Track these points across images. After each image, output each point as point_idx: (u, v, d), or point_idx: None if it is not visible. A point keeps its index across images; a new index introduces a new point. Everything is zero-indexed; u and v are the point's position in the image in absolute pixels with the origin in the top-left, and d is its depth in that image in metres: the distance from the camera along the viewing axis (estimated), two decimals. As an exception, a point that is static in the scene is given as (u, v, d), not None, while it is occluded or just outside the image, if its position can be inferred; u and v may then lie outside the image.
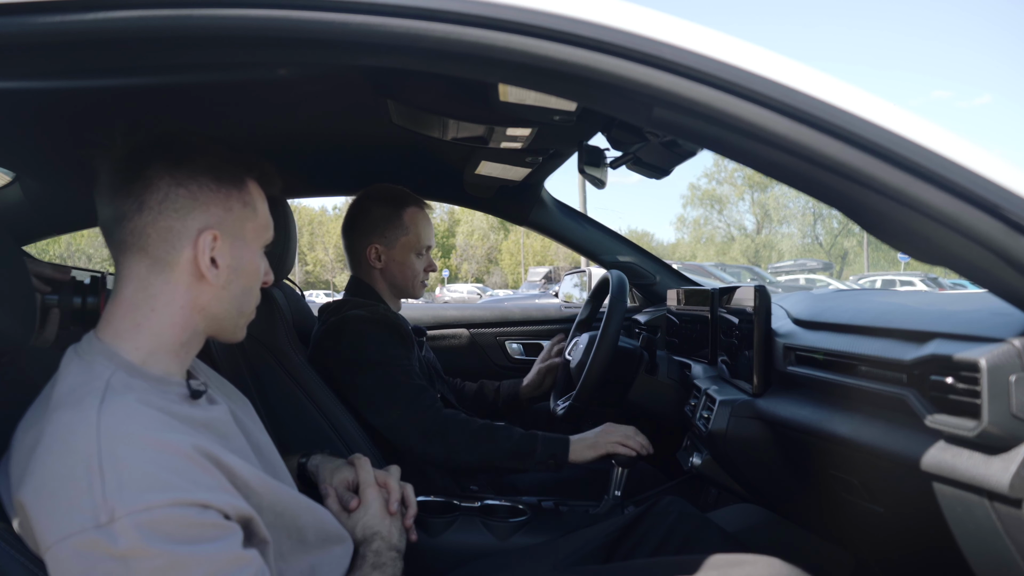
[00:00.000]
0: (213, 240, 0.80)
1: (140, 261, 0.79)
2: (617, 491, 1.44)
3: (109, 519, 0.63)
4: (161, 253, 0.79)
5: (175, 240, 0.79)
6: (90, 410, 0.69)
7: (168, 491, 0.66)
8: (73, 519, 0.63)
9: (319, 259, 47.51)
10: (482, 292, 26.31)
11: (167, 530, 0.65)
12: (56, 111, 1.25)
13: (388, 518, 1.02)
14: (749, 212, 44.27)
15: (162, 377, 0.79)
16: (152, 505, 0.65)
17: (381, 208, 1.67)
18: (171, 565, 0.65)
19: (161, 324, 0.80)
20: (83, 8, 0.64)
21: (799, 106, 0.66)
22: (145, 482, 0.66)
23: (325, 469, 1.08)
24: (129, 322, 0.79)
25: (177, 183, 0.79)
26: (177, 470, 0.69)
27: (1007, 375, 0.68)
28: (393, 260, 1.67)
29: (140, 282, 0.79)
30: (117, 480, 0.65)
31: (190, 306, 0.81)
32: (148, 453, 0.68)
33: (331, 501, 1.03)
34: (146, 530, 0.64)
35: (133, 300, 0.79)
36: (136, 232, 0.78)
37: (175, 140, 0.81)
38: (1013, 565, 0.72)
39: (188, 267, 0.80)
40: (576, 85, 0.71)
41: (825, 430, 1.01)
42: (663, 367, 1.77)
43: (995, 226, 0.64)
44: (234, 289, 0.84)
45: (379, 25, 0.65)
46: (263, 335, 1.48)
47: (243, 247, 0.85)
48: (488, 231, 50.00)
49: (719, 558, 1.01)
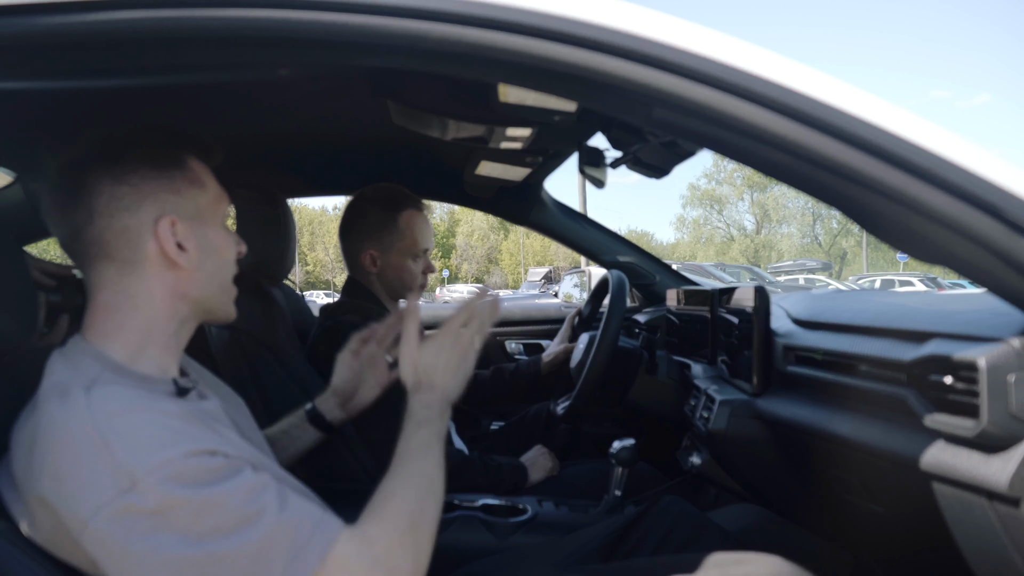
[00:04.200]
0: (172, 225, 0.79)
1: (107, 267, 0.79)
2: (617, 491, 1.44)
3: (132, 483, 0.65)
4: (126, 254, 0.78)
5: (134, 238, 0.78)
6: (78, 396, 0.70)
7: (177, 445, 0.68)
8: (99, 493, 0.65)
9: (319, 259, 47.50)
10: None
11: (188, 478, 0.67)
12: (56, 111, 1.25)
13: (448, 358, 0.95)
14: (749, 212, 44.30)
15: (148, 375, 0.79)
16: (168, 459, 0.67)
17: (377, 212, 1.65)
18: (203, 506, 0.67)
19: (146, 320, 0.80)
20: (83, 8, 0.64)
21: (799, 106, 0.66)
22: (153, 443, 0.68)
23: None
24: (113, 323, 0.79)
25: (117, 181, 0.78)
26: (175, 428, 0.71)
27: (1006, 375, 0.68)
28: (389, 265, 1.65)
29: (114, 286, 0.79)
30: (125, 448, 0.67)
31: (171, 296, 0.81)
32: (144, 417, 0.70)
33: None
34: (170, 483, 0.66)
35: (112, 303, 0.79)
36: (94, 241, 0.78)
37: (104, 140, 0.80)
38: (1012, 564, 0.72)
39: (157, 259, 0.79)
40: (576, 85, 0.71)
41: (825, 430, 1.01)
42: (663, 367, 1.77)
43: (994, 226, 0.64)
44: (209, 268, 0.84)
45: (379, 25, 0.65)
46: (263, 334, 1.48)
47: (203, 224, 0.84)
48: (488, 231, 50.00)
49: (719, 557, 1.01)
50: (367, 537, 0.76)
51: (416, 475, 0.84)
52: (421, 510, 0.81)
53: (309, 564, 0.69)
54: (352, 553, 0.73)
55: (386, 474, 0.85)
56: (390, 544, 0.76)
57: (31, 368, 0.86)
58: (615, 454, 1.44)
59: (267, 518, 0.70)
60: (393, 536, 0.77)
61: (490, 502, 1.40)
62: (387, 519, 0.78)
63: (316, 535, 0.71)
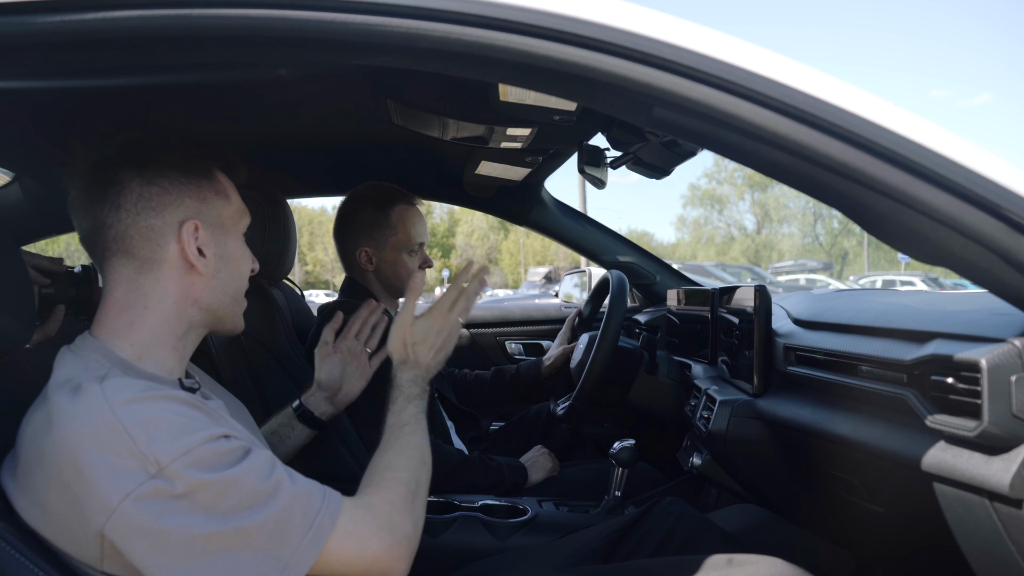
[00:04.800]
0: (195, 230, 0.82)
1: (127, 264, 0.81)
2: (617, 491, 1.44)
3: (158, 469, 0.68)
4: (147, 252, 0.81)
5: (158, 238, 0.81)
6: (94, 388, 0.72)
7: (195, 432, 0.72)
8: (127, 478, 0.68)
9: (319, 259, 47.49)
10: (482, 292, 26.27)
11: (210, 462, 0.71)
12: (56, 111, 1.25)
13: (435, 338, 1.03)
14: (749, 212, 44.29)
15: (154, 375, 0.80)
16: (190, 446, 0.70)
17: (368, 209, 1.65)
18: (227, 486, 0.71)
19: (156, 320, 0.82)
20: (83, 8, 0.64)
21: (799, 106, 0.66)
22: (172, 430, 0.71)
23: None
24: (123, 320, 0.81)
25: (148, 182, 0.81)
26: (190, 415, 0.74)
27: (1008, 375, 0.68)
28: (384, 261, 1.65)
29: (130, 283, 0.81)
30: (146, 435, 0.69)
31: (183, 299, 0.83)
32: (160, 405, 0.73)
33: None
34: (194, 468, 0.70)
35: (125, 301, 0.81)
36: (118, 237, 0.80)
37: (138, 144, 0.83)
38: (1013, 565, 0.72)
39: (176, 261, 0.82)
40: (576, 85, 0.71)
41: (825, 430, 1.01)
42: (663, 367, 1.77)
43: (996, 226, 0.64)
44: (224, 276, 0.87)
45: (379, 25, 0.65)
46: (263, 335, 1.48)
47: (224, 234, 0.87)
48: (488, 231, 49.98)
49: (719, 558, 1.01)
50: (369, 504, 0.82)
51: (410, 447, 0.91)
52: (417, 479, 0.88)
53: (324, 530, 0.75)
54: (359, 519, 0.78)
55: (380, 447, 0.92)
56: (392, 511, 0.82)
57: (30, 368, 0.87)
58: (615, 455, 1.44)
59: (283, 491, 0.74)
60: (395, 503, 0.83)
61: (490, 502, 1.40)
62: (387, 488, 0.85)
63: (326, 504, 0.76)
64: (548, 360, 2.02)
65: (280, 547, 0.72)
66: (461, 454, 1.53)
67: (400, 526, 0.81)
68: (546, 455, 1.68)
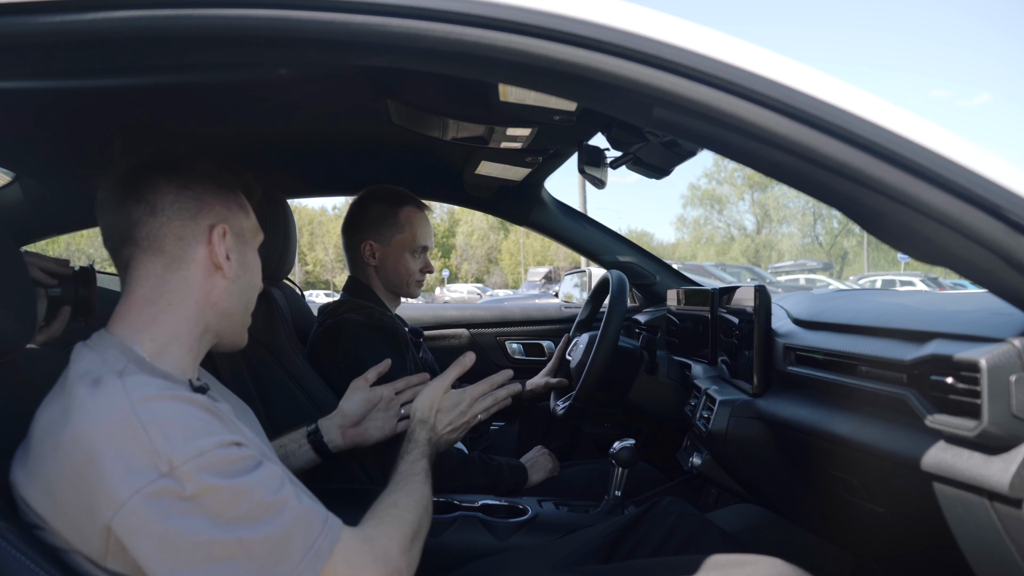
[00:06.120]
0: (224, 234, 0.86)
1: (156, 260, 0.84)
2: (617, 491, 1.44)
3: (170, 468, 0.69)
4: (178, 251, 0.84)
5: (190, 238, 0.85)
6: (114, 382, 0.73)
7: (209, 436, 0.73)
8: (138, 474, 0.68)
9: (319, 259, 47.50)
10: (482, 292, 26.30)
11: (220, 467, 0.72)
12: (56, 111, 1.25)
13: (457, 417, 1.14)
14: (749, 212, 44.28)
15: (170, 373, 0.82)
16: (203, 449, 0.71)
17: (378, 205, 1.68)
18: (234, 494, 0.72)
19: (177, 317, 0.84)
20: (83, 8, 0.64)
21: (799, 106, 0.66)
22: (187, 432, 0.72)
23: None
24: (146, 316, 0.83)
25: (183, 186, 0.85)
26: (206, 419, 0.75)
27: (1007, 375, 0.68)
28: (387, 257, 1.67)
29: (156, 280, 0.84)
30: (162, 434, 0.70)
31: (203, 301, 0.86)
32: (177, 406, 0.74)
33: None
34: (205, 472, 0.70)
35: (149, 297, 0.83)
36: (151, 235, 0.83)
37: (173, 153, 0.88)
38: (1013, 565, 0.72)
39: (203, 263, 0.85)
40: (576, 85, 0.71)
41: (825, 430, 1.01)
42: (663, 367, 1.77)
43: (996, 226, 0.64)
44: (242, 283, 0.90)
45: (379, 25, 0.65)
46: (263, 335, 1.48)
47: (245, 244, 0.91)
48: (488, 231, 49.99)
49: (719, 558, 1.01)
50: (369, 537, 0.83)
51: (418, 495, 0.96)
52: (419, 523, 0.92)
53: (322, 554, 0.75)
54: (357, 549, 0.79)
55: (389, 486, 0.97)
56: (390, 546, 0.84)
57: (30, 368, 0.87)
58: (615, 455, 1.44)
59: (289, 508, 0.75)
60: (395, 539, 0.85)
61: (490, 502, 1.40)
62: (390, 524, 0.87)
63: (326, 529, 0.77)
64: (529, 386, 1.98)
65: (278, 564, 0.72)
66: (461, 454, 1.53)
67: (395, 561, 0.83)
68: (546, 455, 1.68)
